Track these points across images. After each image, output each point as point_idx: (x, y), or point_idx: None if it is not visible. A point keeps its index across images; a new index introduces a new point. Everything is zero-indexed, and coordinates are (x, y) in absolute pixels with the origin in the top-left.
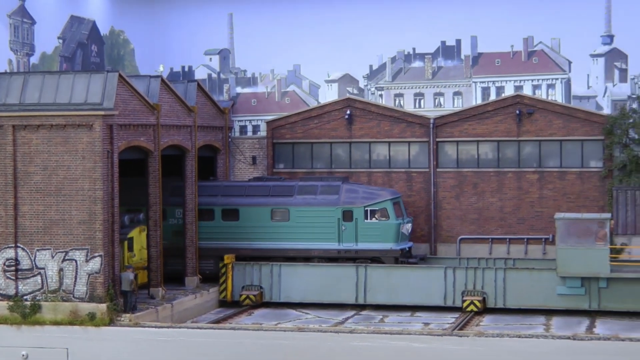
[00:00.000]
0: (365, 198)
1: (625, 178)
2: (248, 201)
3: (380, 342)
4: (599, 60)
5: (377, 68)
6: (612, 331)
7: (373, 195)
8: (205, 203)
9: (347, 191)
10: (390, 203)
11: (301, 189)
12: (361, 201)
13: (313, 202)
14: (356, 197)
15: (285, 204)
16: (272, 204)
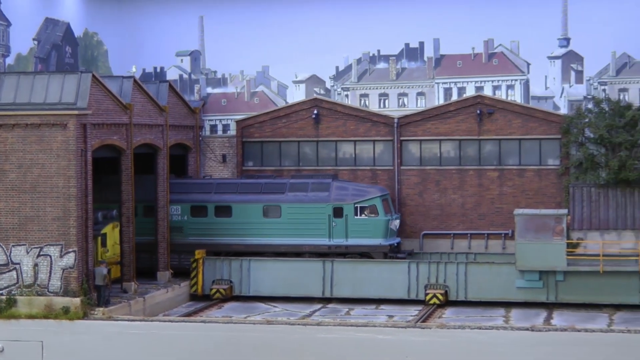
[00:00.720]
0: (355, 195)
1: (581, 175)
2: (240, 198)
3: (346, 334)
4: (556, 62)
5: (343, 69)
6: (569, 322)
7: (363, 192)
8: (199, 200)
9: (337, 188)
10: (379, 200)
11: (292, 186)
12: (351, 198)
13: (304, 199)
14: (346, 194)
15: (277, 201)
16: (264, 200)
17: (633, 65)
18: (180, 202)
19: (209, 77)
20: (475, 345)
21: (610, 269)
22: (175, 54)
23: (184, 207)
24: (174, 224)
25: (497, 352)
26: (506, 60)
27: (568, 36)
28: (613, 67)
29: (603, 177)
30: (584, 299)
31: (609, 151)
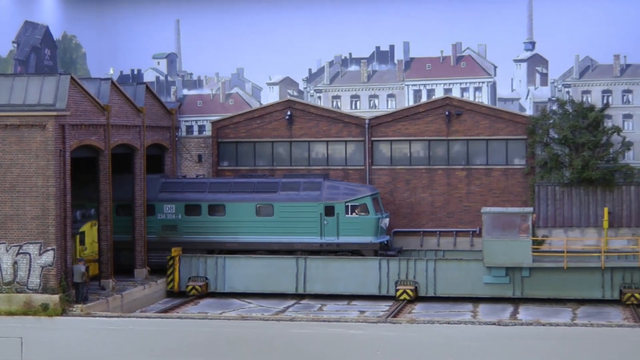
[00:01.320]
0: (346, 194)
1: (546, 175)
2: (234, 197)
3: (319, 329)
4: (522, 65)
5: (315, 72)
6: (534, 317)
7: (353, 191)
8: (193, 199)
9: (328, 187)
10: (370, 199)
11: (285, 186)
12: (342, 197)
13: (296, 198)
14: (337, 193)
15: (269, 200)
16: (257, 199)
17: (595, 68)
18: (174, 201)
19: (185, 79)
20: (444, 340)
21: (573, 265)
22: (152, 56)
23: (178, 205)
24: (169, 223)
25: (465, 346)
26: (474, 63)
27: (533, 40)
28: (576, 70)
29: (567, 176)
30: (549, 294)
31: (573, 151)
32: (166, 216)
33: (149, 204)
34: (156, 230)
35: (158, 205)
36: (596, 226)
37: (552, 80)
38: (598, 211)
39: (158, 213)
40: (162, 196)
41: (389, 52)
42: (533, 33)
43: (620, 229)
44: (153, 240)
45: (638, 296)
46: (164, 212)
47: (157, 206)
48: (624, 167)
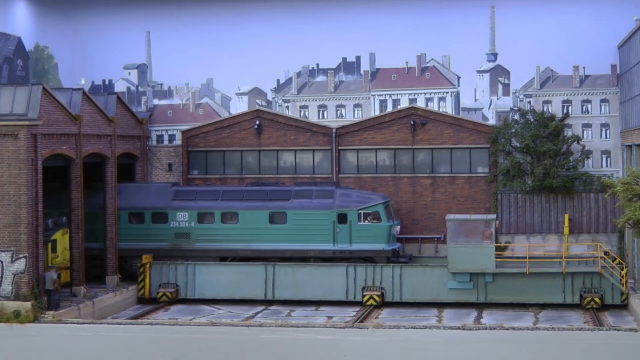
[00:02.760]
0: (359, 202)
1: (509, 182)
2: (247, 205)
3: (287, 335)
4: (484, 76)
5: (284, 82)
6: (498, 321)
7: (366, 199)
8: (206, 207)
9: (341, 195)
10: (382, 206)
11: (297, 194)
12: (355, 205)
13: (309, 205)
14: (350, 201)
15: (282, 208)
16: (270, 207)
17: (556, 79)
18: (187, 208)
19: (156, 89)
20: (409, 344)
21: (535, 271)
22: (123, 67)
23: (191, 213)
24: (181, 231)
25: (430, 350)
26: (438, 74)
27: (495, 52)
28: (537, 80)
29: (529, 184)
30: (512, 298)
31: (534, 159)
32: (179, 224)
33: (161, 212)
34: (169, 238)
35: (171, 213)
36: (557, 232)
37: (513, 90)
38: (559, 218)
39: (171, 221)
40: (174, 204)
41: (355, 63)
42: (495, 45)
43: (580, 235)
44: (166, 248)
45: (598, 300)
46: (176, 219)
47: (169, 214)
48: (583, 175)
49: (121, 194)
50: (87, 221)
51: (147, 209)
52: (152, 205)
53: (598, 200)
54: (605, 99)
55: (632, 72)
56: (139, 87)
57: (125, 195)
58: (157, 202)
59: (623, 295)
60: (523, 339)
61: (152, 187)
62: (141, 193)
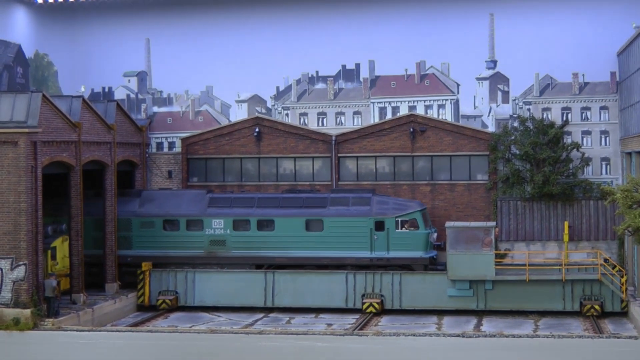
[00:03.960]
0: (396, 209)
1: (508, 190)
2: (283, 212)
3: (287, 342)
4: (484, 83)
5: (283, 89)
6: (497, 328)
7: (403, 206)
8: (241, 214)
9: (378, 202)
10: (419, 214)
11: (334, 201)
12: (392, 212)
13: (346, 213)
14: (387, 208)
15: (319, 215)
16: (306, 214)
17: (555, 86)
18: (222, 215)
19: (155, 96)
20: (409, 352)
21: (535, 278)
22: (123, 74)
23: (227, 220)
24: (217, 238)
25: (430, 358)
26: (437, 81)
27: (495, 59)
28: (537, 87)
29: (528, 191)
30: (511, 306)
31: (534, 167)
32: (214, 231)
33: (196, 219)
34: (204, 245)
35: (206, 220)
36: (557, 240)
37: (513, 97)
38: (558, 225)
39: (206, 228)
40: (209, 211)
41: (354, 70)
42: (495, 52)
43: (580, 242)
44: (201, 255)
45: (598, 308)
46: (211, 227)
47: (204, 221)
48: (583, 182)
49: (155, 201)
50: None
51: (182, 216)
52: (186, 212)
53: (598, 207)
54: (605, 106)
55: (631, 80)
56: (139, 94)
57: (160, 203)
58: (192, 209)
59: (623, 303)
60: (523, 346)
61: (187, 194)
62: (175, 200)
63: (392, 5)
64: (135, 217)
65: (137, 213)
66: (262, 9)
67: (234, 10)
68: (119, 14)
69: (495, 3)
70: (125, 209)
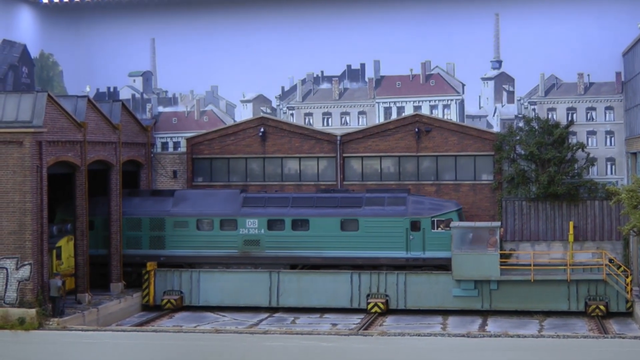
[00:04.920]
0: (432, 209)
1: (513, 190)
2: (318, 212)
3: (292, 342)
4: (489, 83)
5: (288, 89)
6: (502, 328)
7: (439, 206)
8: (276, 214)
9: (413, 202)
10: (456, 214)
11: (369, 201)
12: (428, 212)
13: (381, 212)
14: (423, 208)
15: (354, 215)
16: (341, 214)
17: (560, 86)
18: (257, 215)
19: (160, 96)
20: (414, 352)
21: (540, 278)
22: (128, 74)
23: (261, 220)
24: (251, 238)
25: (435, 358)
26: (442, 81)
27: (500, 59)
28: (542, 88)
29: (533, 191)
30: (516, 306)
31: (539, 167)
32: (248, 231)
33: (230, 219)
34: (238, 245)
35: (240, 220)
36: (562, 240)
37: (518, 97)
38: (564, 225)
39: (240, 228)
40: (244, 211)
41: (360, 70)
42: (500, 52)
43: (585, 243)
44: (235, 255)
45: (603, 308)
46: (246, 226)
47: (239, 221)
48: (588, 182)
49: (189, 200)
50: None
51: (216, 215)
52: (220, 212)
53: (603, 207)
54: (610, 106)
55: (636, 80)
56: (144, 94)
57: (193, 202)
58: (226, 209)
59: (628, 303)
60: (528, 346)
61: (220, 194)
62: (209, 200)
63: (397, 5)
64: (168, 216)
65: (170, 213)
66: (267, 9)
67: (240, 10)
68: (125, 13)
69: (500, 3)
70: (158, 208)
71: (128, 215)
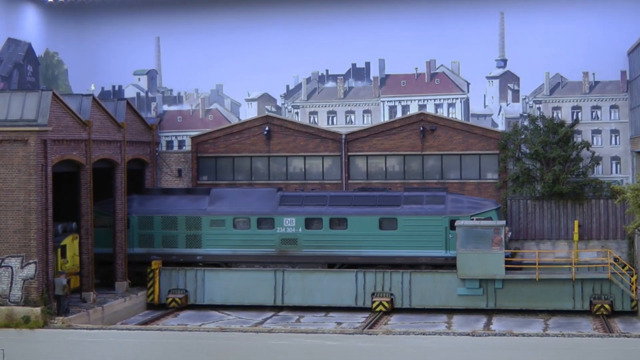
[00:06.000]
0: (471, 208)
1: (518, 188)
2: (356, 210)
3: (297, 341)
4: (494, 82)
5: (293, 88)
6: (507, 327)
7: (478, 205)
8: (314, 212)
9: (452, 201)
10: (495, 213)
11: (407, 199)
12: (467, 210)
13: (420, 211)
14: (462, 207)
15: (393, 213)
16: (380, 213)
17: (565, 85)
18: (294, 214)
19: (165, 95)
20: (419, 350)
21: (545, 277)
22: (133, 73)
23: (298, 219)
24: (288, 236)
25: (440, 357)
26: (447, 80)
27: (505, 57)
28: (547, 86)
29: (538, 190)
30: (521, 305)
31: (544, 166)
32: (285, 230)
33: (267, 218)
34: (275, 243)
35: (277, 218)
36: (567, 239)
37: (523, 96)
38: (568, 224)
39: (277, 227)
40: (281, 209)
41: (364, 69)
42: (505, 51)
43: (590, 242)
44: (272, 254)
45: (607, 307)
46: (283, 225)
47: (276, 219)
48: (593, 181)
49: (225, 199)
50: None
51: (253, 214)
52: (257, 210)
53: (608, 206)
54: (615, 105)
55: None
56: (149, 93)
57: (230, 201)
58: (263, 207)
59: (633, 302)
60: (533, 345)
61: (257, 193)
62: (246, 198)
63: (402, 4)
64: (205, 215)
65: (207, 211)
66: (272, 7)
67: (244, 8)
68: (129, 12)
69: (505, 2)
70: (194, 207)
71: (164, 214)
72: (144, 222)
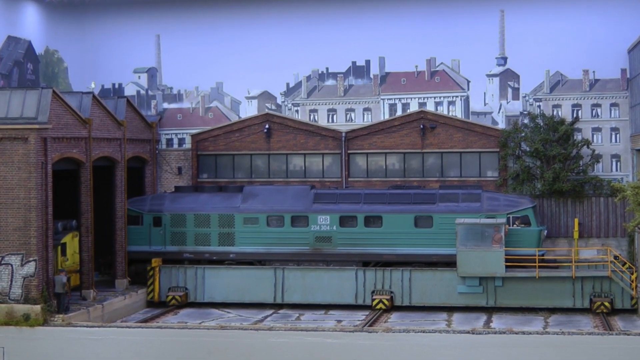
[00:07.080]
0: (508, 205)
1: (518, 186)
2: (391, 208)
3: (297, 339)
4: (494, 80)
5: (293, 86)
6: (507, 325)
7: (515, 203)
8: (348, 210)
9: (488, 199)
10: (531, 210)
11: (443, 197)
12: (504, 209)
13: (456, 209)
14: (498, 205)
15: (428, 211)
16: (415, 211)
17: (565, 82)
18: (328, 212)
19: (165, 93)
20: (419, 348)
21: (545, 275)
22: (133, 70)
23: (333, 217)
24: (322, 234)
25: (439, 355)
26: (447, 78)
27: (505, 55)
28: (547, 84)
29: (538, 188)
30: (521, 303)
31: (544, 163)
32: (320, 227)
33: (301, 216)
34: (309, 241)
35: (311, 216)
36: (567, 236)
37: (523, 94)
38: (569, 222)
39: (311, 224)
40: (315, 207)
41: (365, 67)
42: (505, 48)
43: (590, 239)
44: (306, 252)
45: (607, 305)
46: (317, 223)
47: (310, 217)
48: (593, 179)
49: (259, 196)
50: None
51: (287, 212)
52: (291, 208)
53: (608, 204)
54: (615, 103)
55: None
56: (149, 90)
57: (263, 198)
58: (297, 205)
59: (633, 300)
60: (533, 343)
61: (291, 190)
62: (279, 196)
63: (402, 1)
64: (238, 213)
65: (240, 209)
66: (272, 5)
67: (244, 6)
68: (129, 10)
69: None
70: (227, 204)
71: (196, 212)
72: (177, 220)
